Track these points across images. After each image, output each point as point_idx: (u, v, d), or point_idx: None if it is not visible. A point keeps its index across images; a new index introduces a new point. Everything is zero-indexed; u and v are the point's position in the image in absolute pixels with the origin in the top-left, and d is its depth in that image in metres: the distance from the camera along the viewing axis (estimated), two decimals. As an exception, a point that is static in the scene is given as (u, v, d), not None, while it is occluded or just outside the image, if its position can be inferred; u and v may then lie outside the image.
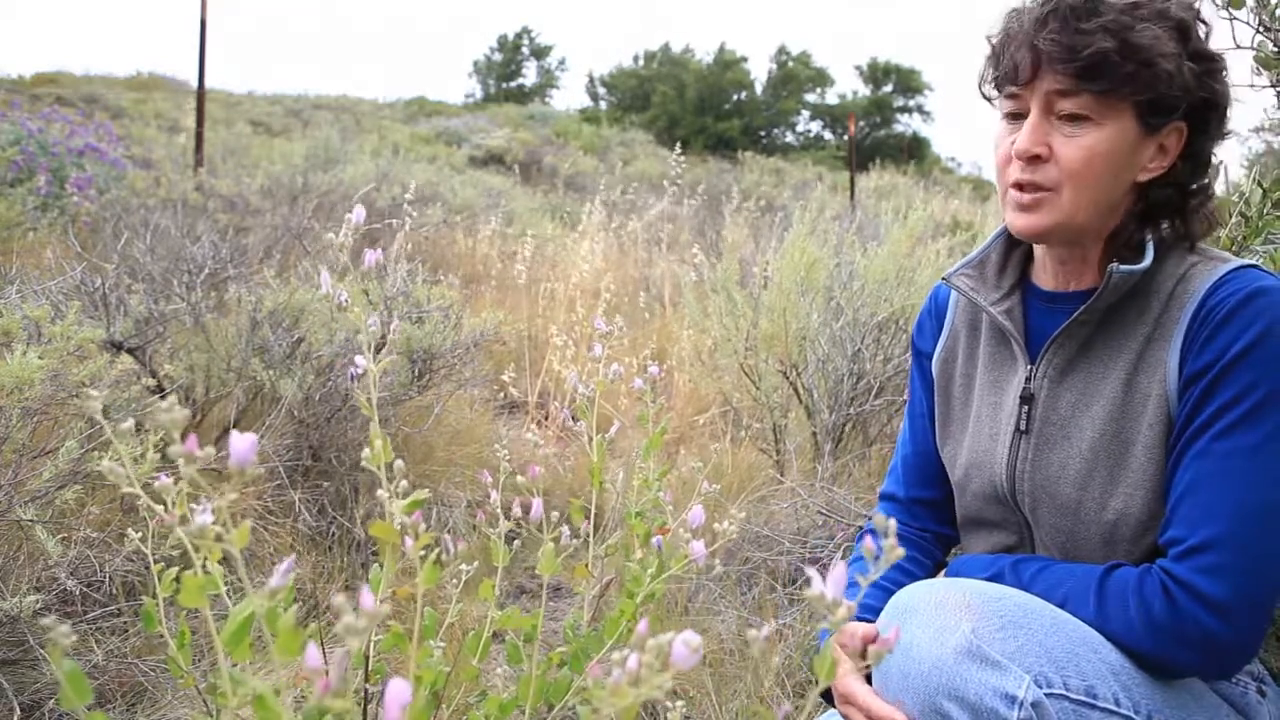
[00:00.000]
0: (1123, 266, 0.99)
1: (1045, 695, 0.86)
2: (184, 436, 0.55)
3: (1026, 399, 1.08)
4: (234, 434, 0.55)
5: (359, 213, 0.82)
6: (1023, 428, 1.08)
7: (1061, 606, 0.95)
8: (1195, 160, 1.02)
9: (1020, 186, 1.01)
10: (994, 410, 1.13)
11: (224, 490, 0.53)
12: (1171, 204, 1.03)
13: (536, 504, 0.96)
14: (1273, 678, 1.05)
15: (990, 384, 1.14)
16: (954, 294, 1.23)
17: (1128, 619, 0.92)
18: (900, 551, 0.56)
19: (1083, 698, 0.87)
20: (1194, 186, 1.03)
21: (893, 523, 0.58)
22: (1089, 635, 0.92)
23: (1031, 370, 1.08)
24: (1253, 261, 1.01)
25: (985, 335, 1.17)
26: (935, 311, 1.26)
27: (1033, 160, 1.00)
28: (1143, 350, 1.01)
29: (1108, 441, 1.01)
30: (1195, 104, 0.98)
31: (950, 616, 0.88)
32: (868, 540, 0.58)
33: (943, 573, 1.13)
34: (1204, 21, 1.00)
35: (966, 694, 0.85)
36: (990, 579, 1.02)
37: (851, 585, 0.56)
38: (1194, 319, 0.97)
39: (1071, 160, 0.98)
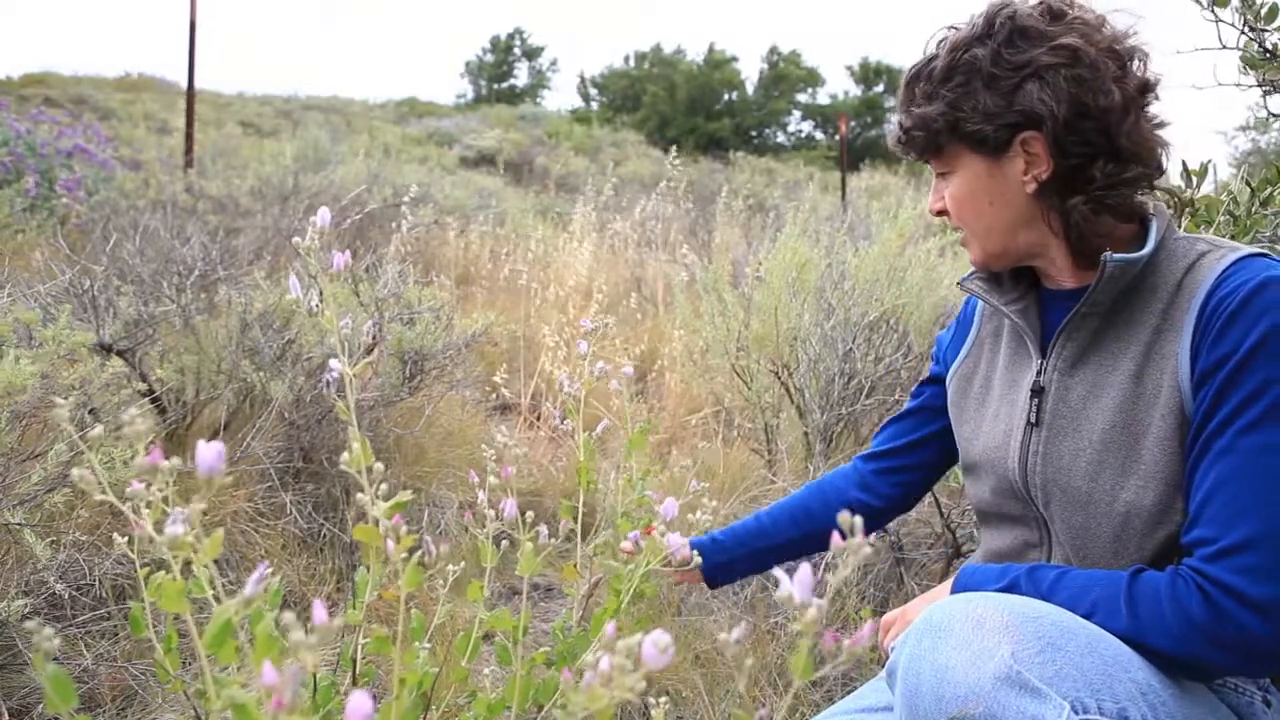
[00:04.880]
0: (1116, 256, 1.01)
1: None
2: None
3: (1037, 391, 1.10)
4: (200, 443, 0.54)
5: (324, 215, 0.82)
6: (1033, 420, 1.10)
7: (1089, 617, 0.94)
8: (1080, 150, 1.03)
9: None
10: (1009, 406, 1.14)
11: (195, 499, 0.53)
12: (1081, 192, 1.04)
13: (509, 503, 0.96)
14: (1276, 687, 1.05)
15: (1009, 383, 1.16)
16: (980, 303, 1.27)
17: (1163, 624, 0.91)
18: (855, 522, 0.60)
19: None
20: (1101, 170, 1.03)
21: (858, 520, 0.60)
22: (1119, 653, 0.91)
23: (1042, 364, 1.10)
24: (1260, 250, 1.01)
25: (1005, 338, 1.20)
26: (963, 319, 1.31)
27: (939, 215, 1.16)
28: (1152, 341, 1.01)
29: (1118, 433, 1.02)
30: (1021, 116, 1.03)
31: (989, 638, 0.86)
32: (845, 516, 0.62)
33: (950, 584, 1.11)
34: (1018, 30, 1.04)
35: None
36: (1004, 589, 1.01)
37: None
38: (1203, 309, 0.97)
39: (951, 212, 1.13)
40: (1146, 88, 1.05)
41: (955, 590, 1.08)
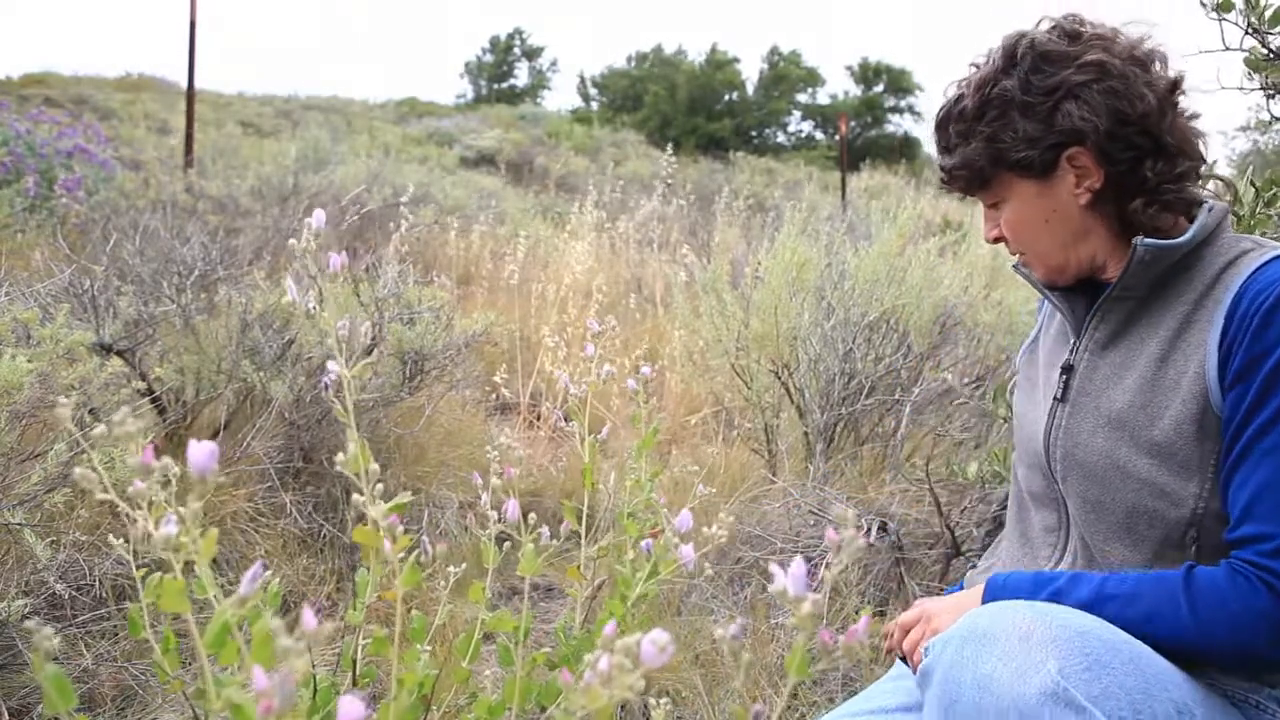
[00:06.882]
0: (1147, 241, 1.04)
1: None
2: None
3: (1066, 369, 1.14)
4: (192, 443, 0.54)
5: (319, 216, 0.81)
6: (1059, 396, 1.14)
7: (1146, 621, 0.94)
8: (1127, 154, 1.06)
9: None
10: (1047, 385, 1.19)
11: (190, 499, 0.53)
12: (1139, 195, 1.07)
13: (512, 504, 0.96)
14: None
15: (1050, 364, 1.20)
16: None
17: (1229, 619, 0.92)
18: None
19: None
20: (1152, 169, 1.06)
21: (851, 512, 0.61)
22: (1160, 671, 0.91)
23: (1075, 343, 1.14)
24: None
25: (1057, 323, 1.24)
26: (1040, 313, 1.34)
27: (997, 241, 1.19)
28: (1180, 329, 1.04)
29: (1135, 412, 1.04)
30: (1064, 136, 1.06)
31: (1035, 652, 0.86)
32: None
33: (980, 590, 1.09)
34: (1041, 56, 1.07)
35: None
36: (1049, 599, 1.00)
37: None
38: (1235, 303, 0.99)
39: (1009, 237, 1.16)
40: (1175, 86, 1.09)
41: (989, 590, 1.07)
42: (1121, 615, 0.95)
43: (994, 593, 1.07)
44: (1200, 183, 1.13)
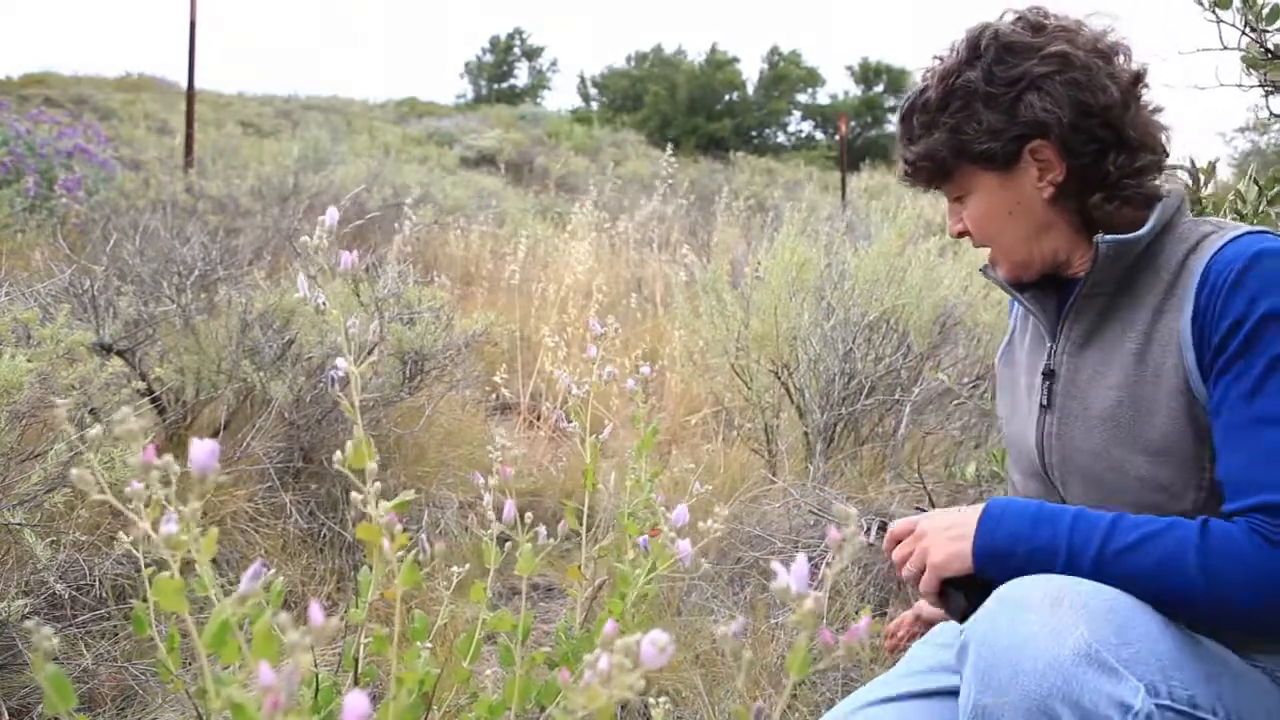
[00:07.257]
0: (1109, 237, 1.04)
1: (1155, 705, 0.85)
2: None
3: (1047, 374, 1.14)
4: (193, 441, 0.54)
5: (332, 215, 0.82)
6: (1044, 403, 1.13)
7: (1157, 568, 0.93)
8: (1089, 147, 1.06)
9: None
10: (1030, 390, 1.18)
11: (191, 498, 0.53)
12: (1099, 189, 1.07)
13: (508, 505, 0.96)
14: None
15: (1031, 368, 1.20)
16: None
17: (1249, 572, 0.90)
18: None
19: (1186, 708, 0.88)
20: (1114, 163, 1.06)
21: (853, 510, 0.61)
22: (1184, 640, 0.92)
23: (1052, 347, 1.14)
24: (1261, 229, 1.03)
25: (1030, 324, 1.23)
26: (1011, 310, 1.34)
27: (961, 236, 1.19)
28: (1153, 320, 1.04)
29: (1124, 410, 1.04)
30: (1026, 127, 1.06)
31: (1066, 617, 0.87)
32: None
33: (979, 510, 1.05)
34: (1004, 48, 1.07)
35: (1081, 699, 0.83)
36: (1049, 541, 0.97)
37: None
38: (1201, 287, 0.99)
39: (973, 231, 1.16)
40: (1138, 79, 1.09)
41: (984, 520, 1.03)
42: (1131, 563, 0.94)
43: (993, 515, 1.03)
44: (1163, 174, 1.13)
